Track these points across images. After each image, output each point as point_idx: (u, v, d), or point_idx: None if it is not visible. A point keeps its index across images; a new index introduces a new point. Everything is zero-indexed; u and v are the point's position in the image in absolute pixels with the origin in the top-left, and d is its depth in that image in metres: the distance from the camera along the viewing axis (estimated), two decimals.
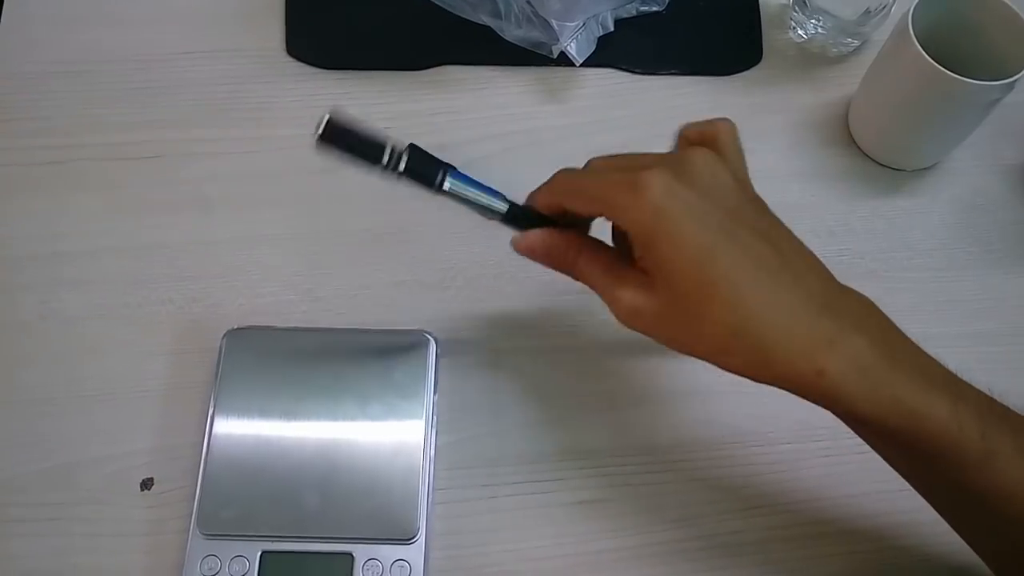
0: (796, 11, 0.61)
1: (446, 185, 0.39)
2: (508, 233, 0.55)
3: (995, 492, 0.36)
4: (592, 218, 0.42)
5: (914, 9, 0.51)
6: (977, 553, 0.40)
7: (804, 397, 0.36)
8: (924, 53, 0.50)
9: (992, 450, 0.35)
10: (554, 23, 0.57)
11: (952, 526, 0.40)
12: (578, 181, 0.40)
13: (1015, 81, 0.49)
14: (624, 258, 0.39)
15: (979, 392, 0.37)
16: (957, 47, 0.52)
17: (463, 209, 0.55)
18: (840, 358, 0.34)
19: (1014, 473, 0.35)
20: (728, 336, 0.35)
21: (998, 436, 0.35)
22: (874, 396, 0.35)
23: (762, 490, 0.49)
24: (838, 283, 0.37)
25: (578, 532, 0.47)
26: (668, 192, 0.35)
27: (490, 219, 0.41)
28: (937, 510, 0.39)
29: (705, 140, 0.39)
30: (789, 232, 0.38)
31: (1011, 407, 0.37)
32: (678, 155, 0.38)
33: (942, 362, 0.37)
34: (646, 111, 0.60)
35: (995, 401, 0.37)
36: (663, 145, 0.58)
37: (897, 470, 0.39)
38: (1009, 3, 0.51)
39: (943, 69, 0.49)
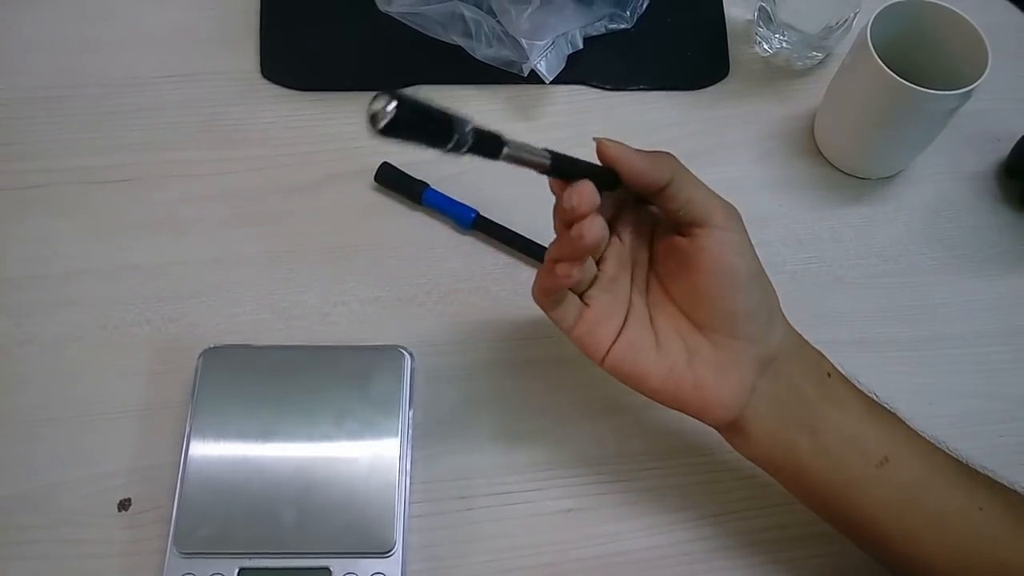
0: (761, 26, 0.63)
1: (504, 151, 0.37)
2: (483, 248, 0.56)
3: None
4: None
5: (872, 23, 0.52)
6: None
7: None
8: (883, 65, 0.51)
9: None
10: (524, 42, 0.58)
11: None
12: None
13: (972, 90, 0.51)
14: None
15: None
16: (915, 59, 0.53)
17: (437, 224, 0.57)
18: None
19: None
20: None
21: None
22: None
23: (743, 494, 0.49)
24: None
25: (555, 542, 0.48)
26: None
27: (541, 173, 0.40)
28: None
29: None
30: None
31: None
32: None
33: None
34: (617, 126, 0.61)
35: None
36: None
37: None
38: (964, 15, 0.53)
39: (901, 80, 0.51)
